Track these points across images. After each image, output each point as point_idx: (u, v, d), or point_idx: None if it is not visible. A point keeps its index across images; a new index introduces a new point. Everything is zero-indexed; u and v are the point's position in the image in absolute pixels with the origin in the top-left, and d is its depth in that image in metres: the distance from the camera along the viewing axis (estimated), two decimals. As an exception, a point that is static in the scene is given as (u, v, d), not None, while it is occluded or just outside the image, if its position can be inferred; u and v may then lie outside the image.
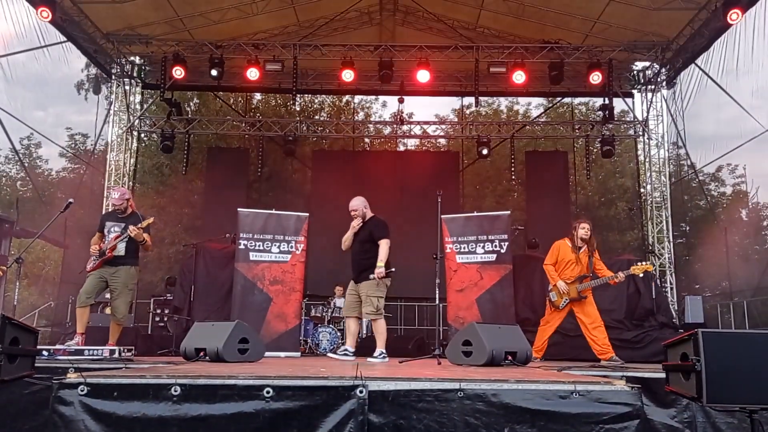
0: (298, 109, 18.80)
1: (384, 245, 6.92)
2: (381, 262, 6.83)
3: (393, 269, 6.99)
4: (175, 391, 3.32)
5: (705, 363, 3.27)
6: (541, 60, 12.87)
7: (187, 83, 13.86)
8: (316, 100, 20.49)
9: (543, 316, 9.94)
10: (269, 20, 13.08)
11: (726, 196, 16.00)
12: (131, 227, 6.78)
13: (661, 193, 13.96)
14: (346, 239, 7.32)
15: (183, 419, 3.28)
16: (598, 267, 7.48)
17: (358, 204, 7.27)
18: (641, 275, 7.54)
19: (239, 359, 5.81)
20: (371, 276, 6.86)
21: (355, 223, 7.16)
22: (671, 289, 13.14)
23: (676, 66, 13.05)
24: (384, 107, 20.13)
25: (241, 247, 9.36)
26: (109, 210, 8.27)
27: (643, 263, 7.43)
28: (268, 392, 3.34)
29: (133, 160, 14.24)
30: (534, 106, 19.53)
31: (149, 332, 11.14)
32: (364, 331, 11.12)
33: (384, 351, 6.82)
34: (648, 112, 14.13)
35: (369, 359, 6.73)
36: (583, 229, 7.56)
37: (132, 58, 14.02)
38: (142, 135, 15.40)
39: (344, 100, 20.00)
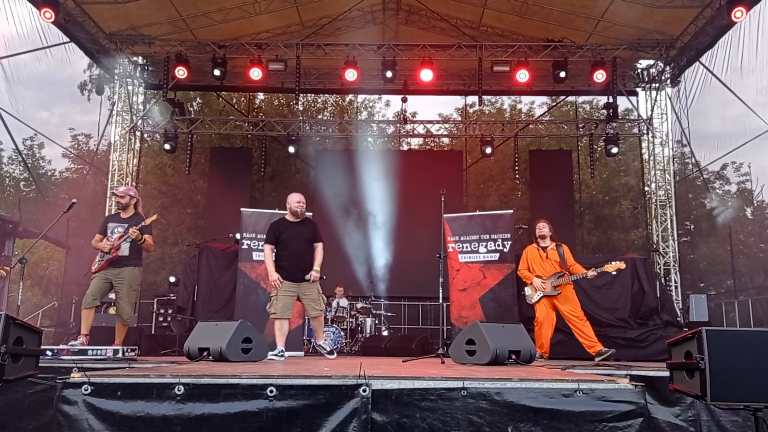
0: (300, 108, 18.82)
1: (322, 249, 7.02)
2: (319, 266, 6.92)
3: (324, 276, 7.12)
4: (179, 390, 3.32)
5: (709, 361, 3.26)
6: (545, 58, 12.85)
7: (190, 83, 13.87)
8: (319, 100, 20.53)
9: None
10: (272, 20, 13.10)
11: (731, 195, 15.98)
12: (131, 229, 6.78)
13: (666, 191, 13.93)
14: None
15: (186, 418, 3.28)
16: (570, 264, 7.55)
17: (303, 199, 7.14)
18: (614, 273, 7.62)
19: (242, 359, 5.80)
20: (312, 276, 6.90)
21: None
22: (676, 287, 13.11)
23: (681, 64, 13.01)
24: (387, 106, 20.20)
25: (244, 246, 9.37)
26: (113, 212, 8.30)
27: (617, 262, 7.46)
28: (271, 391, 3.33)
29: (136, 160, 14.27)
30: (537, 104, 19.57)
31: (153, 332, 11.15)
32: (367, 331, 11.13)
33: None
34: (652, 110, 14.10)
35: (328, 356, 7.04)
36: (539, 229, 7.77)
37: (135, 58, 14.03)
38: (145, 135, 15.44)
39: (347, 99, 20.04)
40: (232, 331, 5.83)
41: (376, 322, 11.39)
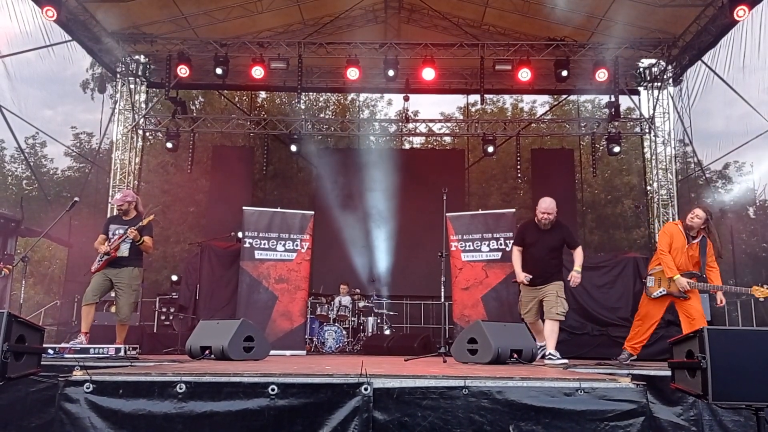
0: (302, 107, 18.81)
1: (581, 251, 6.86)
2: (579, 267, 6.72)
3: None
4: (180, 388, 3.33)
5: (710, 360, 3.26)
6: (547, 57, 12.84)
7: (192, 82, 13.87)
8: (321, 98, 20.52)
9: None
10: (274, 18, 13.09)
11: (733, 194, 15.94)
12: (130, 229, 6.80)
13: (668, 190, 13.92)
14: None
15: (188, 416, 3.29)
16: (711, 266, 6.28)
17: (554, 207, 6.98)
18: (762, 299, 6.16)
19: (244, 357, 5.82)
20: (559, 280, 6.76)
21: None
22: (678, 286, 13.05)
23: (683, 63, 12.99)
24: (389, 105, 20.18)
25: (247, 245, 9.37)
26: (114, 213, 8.31)
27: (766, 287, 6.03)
28: (273, 390, 3.34)
29: (138, 158, 14.26)
30: (539, 103, 19.54)
31: (155, 331, 11.17)
32: (369, 330, 11.14)
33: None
34: (654, 109, 14.08)
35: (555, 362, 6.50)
36: (695, 217, 6.27)
37: (137, 56, 14.03)
38: (147, 134, 15.43)
39: (349, 98, 20.01)
40: (233, 330, 5.84)
41: (378, 321, 11.39)
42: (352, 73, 12.46)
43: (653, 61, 13.73)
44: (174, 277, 12.49)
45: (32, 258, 8.15)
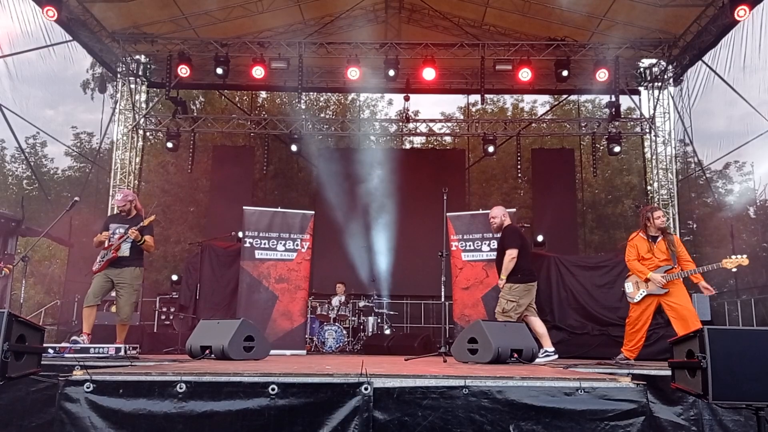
0: (303, 107, 18.82)
1: (506, 256, 7.05)
2: (503, 273, 7.07)
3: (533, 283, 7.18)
4: (181, 388, 3.33)
5: (711, 360, 3.25)
6: (547, 57, 12.84)
7: (193, 82, 13.87)
8: (322, 98, 20.53)
9: (550, 313, 9.91)
10: (275, 18, 13.09)
11: (733, 194, 15.95)
12: (131, 229, 6.81)
13: (668, 190, 13.91)
14: None
15: (188, 416, 3.29)
16: (684, 259, 6.45)
17: (497, 212, 7.48)
18: (734, 270, 6.58)
19: (244, 357, 5.81)
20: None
21: None
22: (678, 286, 13.04)
23: (683, 63, 12.99)
24: (390, 105, 20.20)
25: (247, 245, 9.36)
26: (115, 212, 8.32)
27: (738, 257, 6.20)
28: (273, 389, 3.34)
29: (138, 158, 14.26)
30: (540, 103, 19.58)
31: (155, 330, 11.16)
32: (369, 330, 11.13)
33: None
34: (655, 109, 14.08)
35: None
36: (661, 215, 6.62)
37: (137, 56, 14.02)
38: (148, 133, 15.43)
39: (350, 97, 20.03)
40: (234, 330, 5.83)
41: (379, 320, 11.39)
42: (353, 73, 12.47)
43: (654, 61, 13.73)
44: (174, 277, 12.49)
45: (32, 258, 8.16)
